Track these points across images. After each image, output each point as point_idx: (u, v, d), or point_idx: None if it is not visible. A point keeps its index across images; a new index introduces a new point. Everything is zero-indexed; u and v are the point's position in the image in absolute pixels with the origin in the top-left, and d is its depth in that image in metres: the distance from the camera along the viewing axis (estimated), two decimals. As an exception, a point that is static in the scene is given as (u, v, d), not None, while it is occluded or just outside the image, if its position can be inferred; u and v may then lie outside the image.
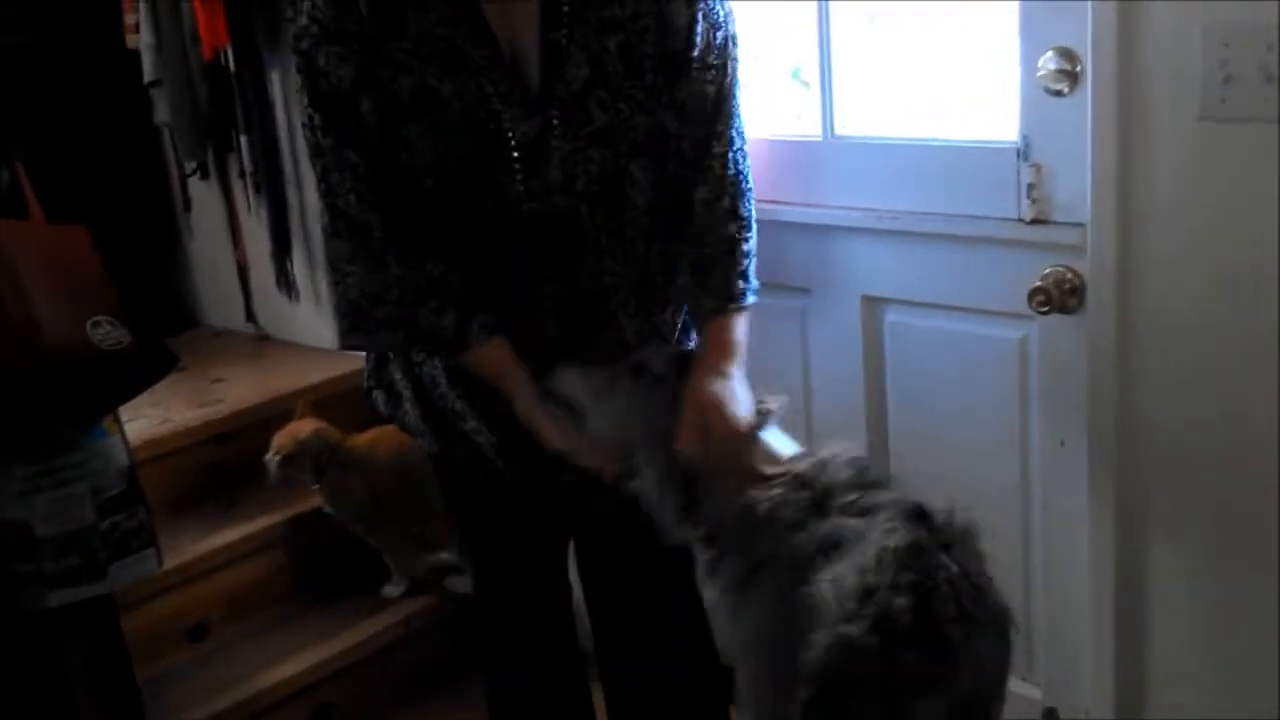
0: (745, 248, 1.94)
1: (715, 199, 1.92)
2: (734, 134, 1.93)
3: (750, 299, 1.94)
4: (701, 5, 1.85)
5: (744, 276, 1.94)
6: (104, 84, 3.40)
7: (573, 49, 1.79)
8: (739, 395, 1.81)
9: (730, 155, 1.92)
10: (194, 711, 2.61)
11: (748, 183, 1.95)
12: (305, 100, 1.82)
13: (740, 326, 1.91)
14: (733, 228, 1.93)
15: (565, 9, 1.79)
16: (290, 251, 3.34)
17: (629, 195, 1.90)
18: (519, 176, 1.83)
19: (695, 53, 1.86)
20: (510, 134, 1.81)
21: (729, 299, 1.92)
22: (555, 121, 1.82)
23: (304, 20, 1.79)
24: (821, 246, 2.39)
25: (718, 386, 1.80)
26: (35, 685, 2.22)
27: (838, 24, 2.33)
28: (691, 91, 1.88)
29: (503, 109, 1.79)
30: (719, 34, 1.88)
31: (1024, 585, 2.29)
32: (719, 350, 1.88)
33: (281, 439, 2.84)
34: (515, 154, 1.82)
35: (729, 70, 1.91)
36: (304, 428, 2.85)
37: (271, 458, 2.83)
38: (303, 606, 2.96)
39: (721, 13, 1.89)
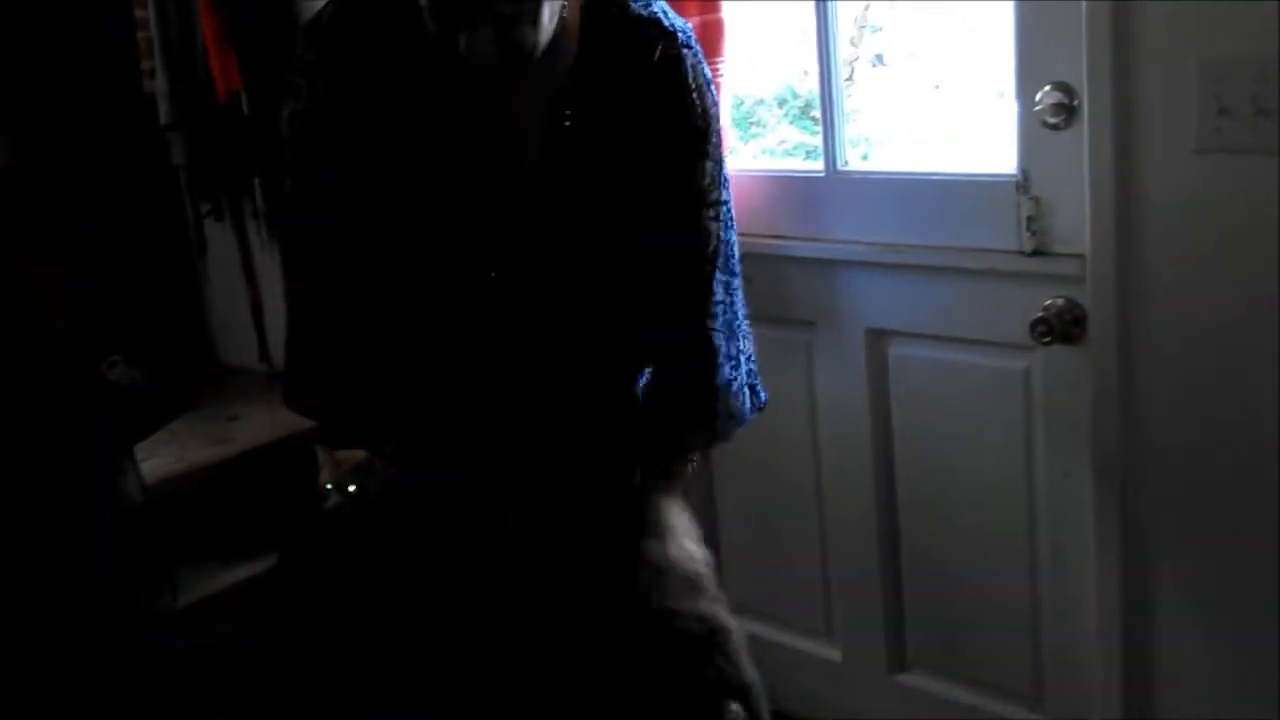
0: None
1: (672, 380, 1.75)
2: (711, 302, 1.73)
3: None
4: (711, 146, 1.69)
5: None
6: (121, 127, 3.45)
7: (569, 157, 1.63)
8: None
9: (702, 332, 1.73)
10: (209, 747, 2.62)
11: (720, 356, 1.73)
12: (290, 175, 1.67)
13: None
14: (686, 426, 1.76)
15: (567, 124, 1.61)
16: (304, 291, 3.37)
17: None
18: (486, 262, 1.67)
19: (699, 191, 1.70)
20: (485, 225, 1.64)
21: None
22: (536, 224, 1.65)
23: (299, 107, 1.61)
24: (826, 280, 2.42)
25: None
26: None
27: (846, 60, 2.37)
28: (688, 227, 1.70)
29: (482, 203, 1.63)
30: (719, 168, 1.73)
31: (1031, 616, 2.30)
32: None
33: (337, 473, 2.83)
34: (489, 245, 1.66)
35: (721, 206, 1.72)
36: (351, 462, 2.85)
37: (333, 489, 2.81)
38: (317, 642, 2.97)
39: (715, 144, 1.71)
